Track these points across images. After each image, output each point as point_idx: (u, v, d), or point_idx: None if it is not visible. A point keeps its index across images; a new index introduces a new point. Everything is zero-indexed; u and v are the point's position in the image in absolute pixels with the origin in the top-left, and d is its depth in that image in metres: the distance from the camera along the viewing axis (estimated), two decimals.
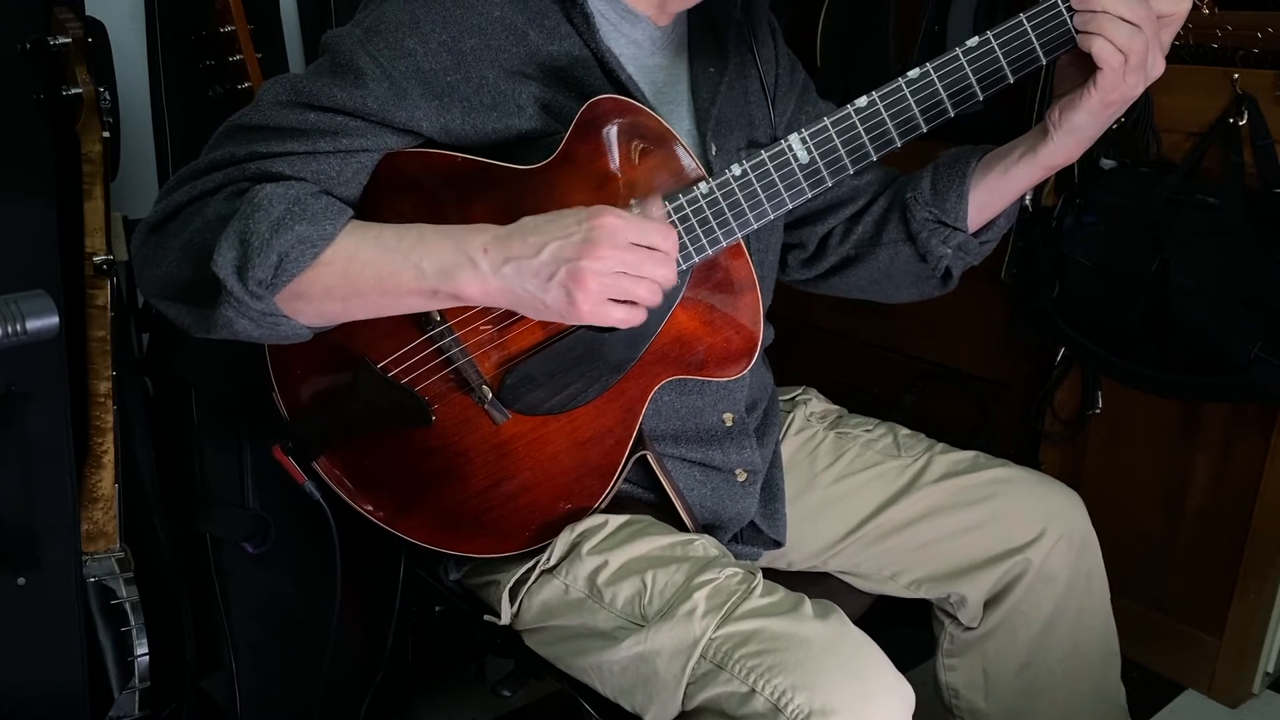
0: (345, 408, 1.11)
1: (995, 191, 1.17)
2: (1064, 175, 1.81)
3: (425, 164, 1.05)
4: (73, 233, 1.39)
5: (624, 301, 0.95)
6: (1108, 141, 1.76)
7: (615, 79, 1.08)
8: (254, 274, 0.93)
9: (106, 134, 1.39)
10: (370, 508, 1.15)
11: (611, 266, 0.92)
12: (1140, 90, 1.01)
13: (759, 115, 1.23)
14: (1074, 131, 1.06)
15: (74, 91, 1.35)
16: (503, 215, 0.99)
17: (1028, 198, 1.83)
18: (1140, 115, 1.72)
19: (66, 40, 1.35)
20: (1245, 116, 1.61)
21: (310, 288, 0.97)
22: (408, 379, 1.09)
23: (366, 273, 0.96)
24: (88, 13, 1.52)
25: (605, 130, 1.01)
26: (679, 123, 1.16)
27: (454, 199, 1.05)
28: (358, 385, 1.09)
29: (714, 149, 1.15)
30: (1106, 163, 1.76)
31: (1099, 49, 0.97)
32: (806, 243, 1.32)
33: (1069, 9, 0.97)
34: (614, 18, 1.12)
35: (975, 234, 1.22)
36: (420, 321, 1.06)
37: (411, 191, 1.06)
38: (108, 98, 1.40)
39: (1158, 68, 1.00)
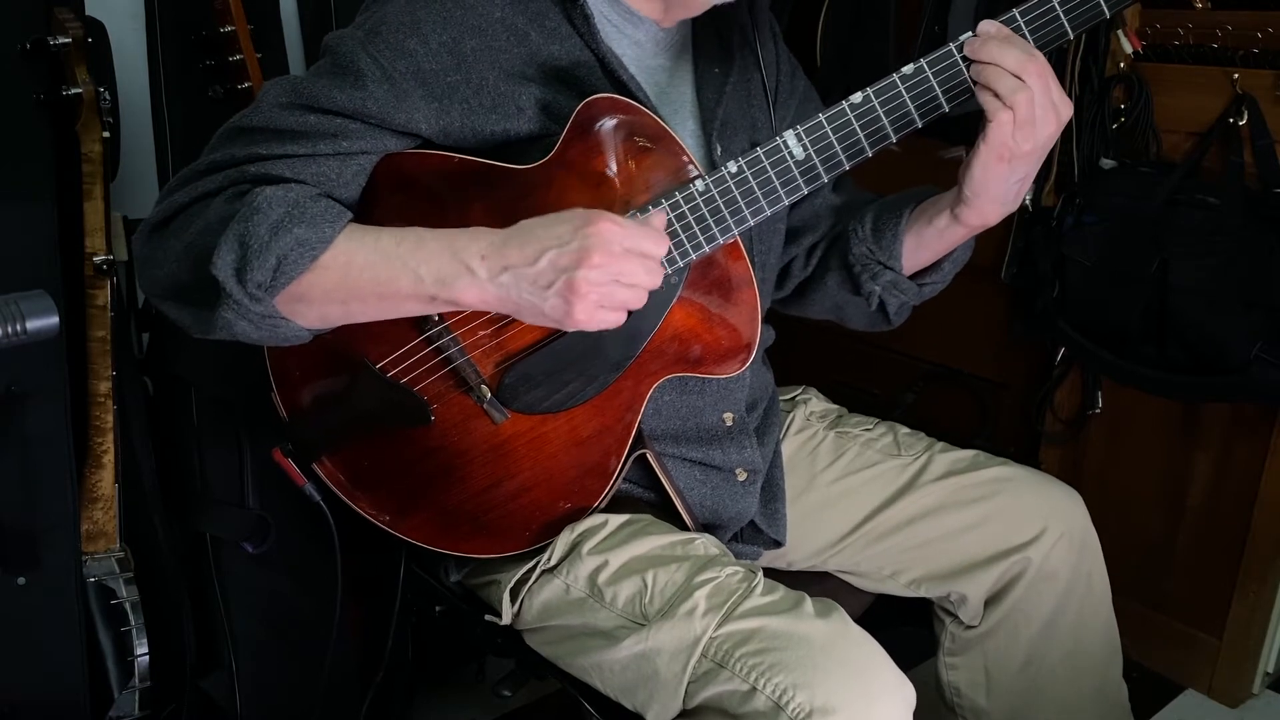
0: (344, 408, 1.11)
1: (926, 239, 1.18)
2: (1064, 175, 1.81)
3: (423, 164, 1.05)
4: (73, 233, 1.39)
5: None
6: (1107, 141, 1.76)
7: (616, 80, 1.08)
8: (253, 276, 0.93)
9: (106, 134, 1.39)
10: (370, 509, 1.14)
11: (606, 275, 0.92)
12: (1030, 146, 1.00)
13: (761, 118, 1.23)
14: (977, 191, 1.06)
15: (74, 91, 1.35)
16: (500, 215, 0.99)
17: (1028, 198, 1.83)
18: (1140, 115, 1.73)
19: (66, 40, 1.35)
20: (1245, 116, 1.61)
21: (309, 290, 0.97)
22: (407, 379, 1.09)
23: (365, 277, 0.97)
24: (88, 13, 1.52)
25: (601, 129, 1.01)
26: (682, 124, 1.16)
27: (451, 199, 1.05)
28: (357, 386, 1.10)
29: (719, 149, 1.15)
30: (1106, 163, 1.76)
31: (987, 102, 0.98)
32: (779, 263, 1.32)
33: (1061, 3, 0.98)
34: (615, 19, 1.12)
35: (916, 277, 1.23)
36: (418, 321, 1.06)
37: (409, 192, 1.06)
38: (108, 98, 1.40)
39: (1047, 124, 0.99)
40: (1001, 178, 1.04)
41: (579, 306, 0.92)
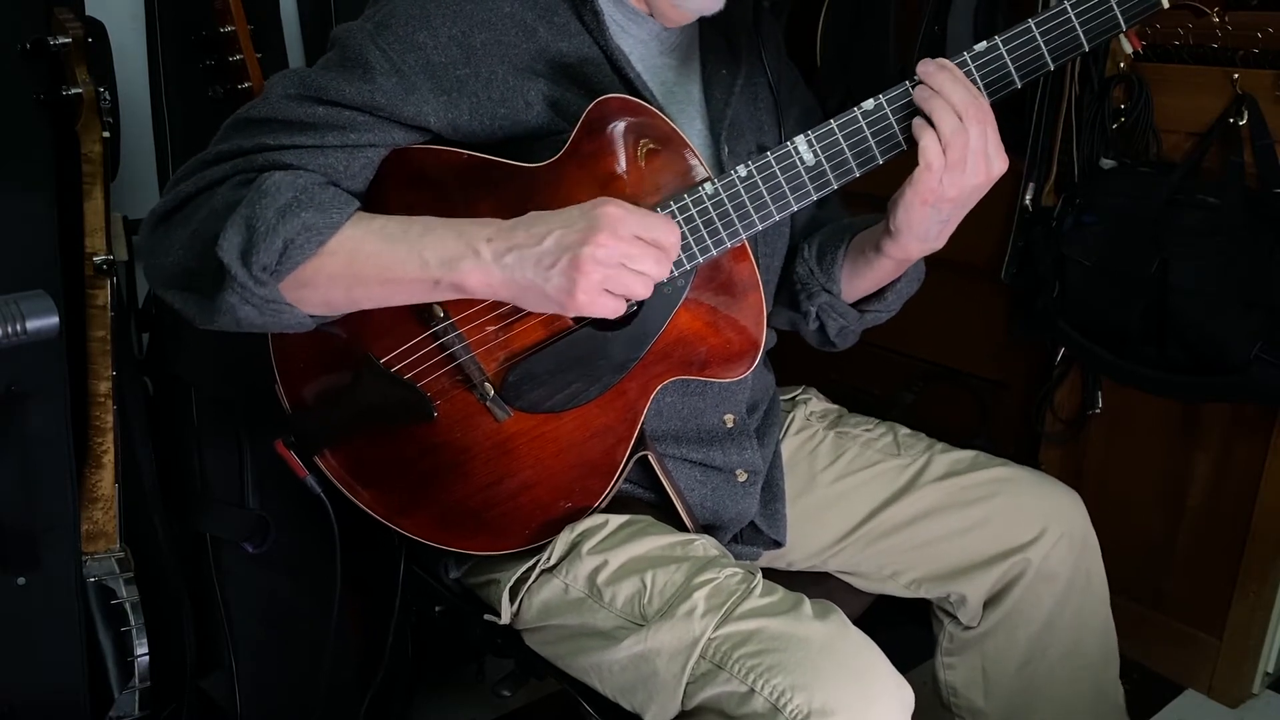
0: (347, 403, 1.11)
1: (859, 268, 1.19)
2: (1064, 175, 1.81)
3: (431, 160, 1.05)
4: (73, 233, 1.39)
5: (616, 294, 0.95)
6: (1107, 141, 1.76)
7: (624, 77, 1.08)
8: (259, 259, 0.93)
9: (106, 134, 1.39)
10: (371, 503, 1.14)
11: (612, 255, 0.92)
12: (955, 192, 1.00)
13: (768, 122, 1.23)
14: (900, 227, 1.07)
15: (74, 91, 1.35)
16: (508, 212, 0.99)
17: (1028, 197, 1.83)
18: (1140, 115, 1.73)
19: (66, 40, 1.35)
20: (1245, 116, 1.60)
21: (315, 276, 0.97)
22: (410, 375, 1.09)
23: (371, 262, 0.97)
24: (88, 13, 1.52)
25: (612, 129, 1.01)
26: (690, 124, 1.16)
27: (460, 196, 1.05)
28: (360, 380, 1.10)
29: (726, 151, 1.16)
30: (1106, 163, 1.76)
31: (925, 144, 0.98)
32: None
33: (1078, 16, 0.97)
34: (620, 18, 1.12)
35: (861, 304, 1.24)
36: (424, 317, 1.07)
37: (417, 187, 1.06)
38: (108, 98, 1.40)
39: (977, 174, 0.99)
40: (925, 218, 1.04)
41: (581, 285, 0.92)
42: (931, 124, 0.98)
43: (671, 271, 1.01)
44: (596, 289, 0.93)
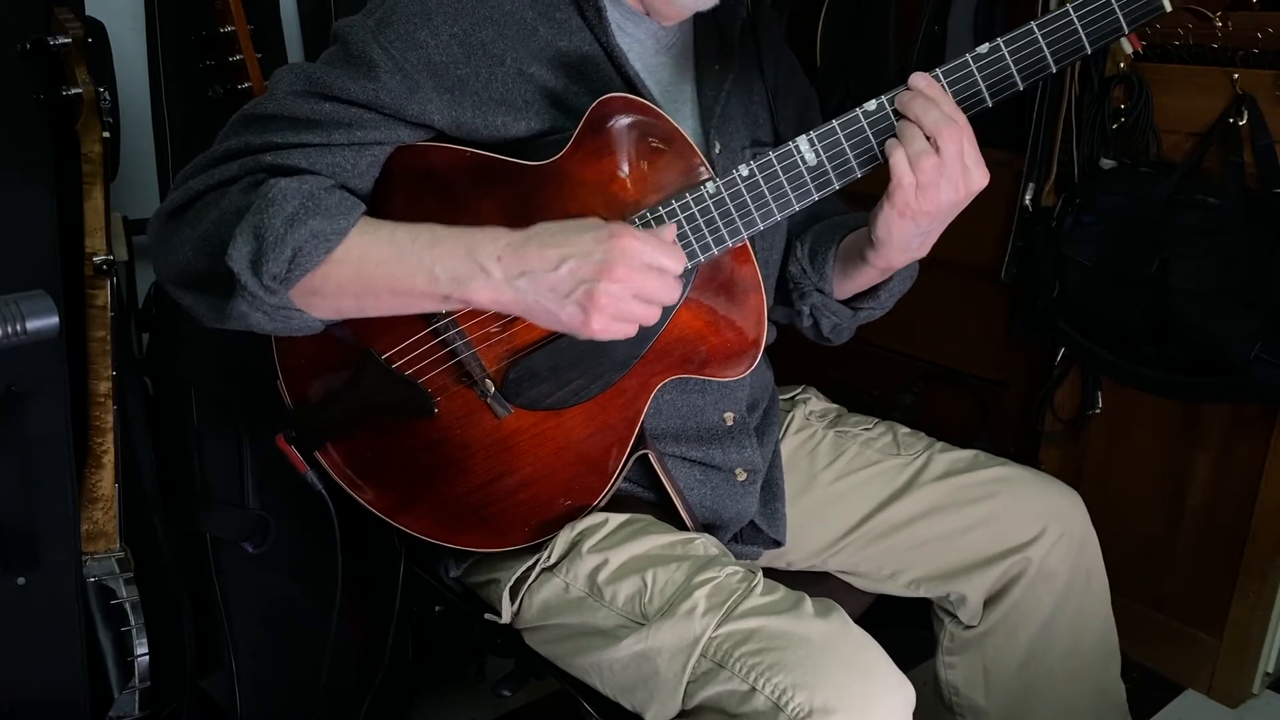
0: (348, 398, 1.11)
1: (849, 271, 1.20)
2: (1064, 175, 1.81)
3: (436, 158, 1.05)
4: (73, 233, 1.39)
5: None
6: (1107, 141, 1.76)
7: (624, 75, 1.08)
8: (268, 269, 0.93)
9: (106, 134, 1.39)
10: (371, 499, 1.14)
11: (626, 289, 0.93)
12: (931, 207, 1.00)
13: (763, 115, 1.23)
14: (881, 239, 1.07)
15: (74, 91, 1.35)
16: (512, 211, 0.99)
17: (1028, 197, 1.83)
18: (1140, 115, 1.73)
19: (66, 40, 1.35)
20: (1245, 116, 1.61)
21: (324, 284, 0.97)
22: (411, 371, 1.09)
23: (379, 272, 0.97)
24: (88, 13, 1.52)
25: (615, 128, 1.01)
26: (683, 120, 1.16)
27: (463, 194, 1.05)
28: (361, 376, 1.10)
29: (718, 146, 1.16)
30: (1106, 163, 1.76)
31: (895, 162, 0.98)
32: None
33: (1081, 19, 0.96)
34: (618, 18, 1.12)
35: (854, 301, 1.24)
36: (426, 314, 1.06)
37: (422, 185, 1.06)
38: (108, 98, 1.40)
39: (953, 190, 0.99)
40: (905, 230, 1.04)
41: (596, 318, 0.93)
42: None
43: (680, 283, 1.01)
44: (610, 319, 0.94)
